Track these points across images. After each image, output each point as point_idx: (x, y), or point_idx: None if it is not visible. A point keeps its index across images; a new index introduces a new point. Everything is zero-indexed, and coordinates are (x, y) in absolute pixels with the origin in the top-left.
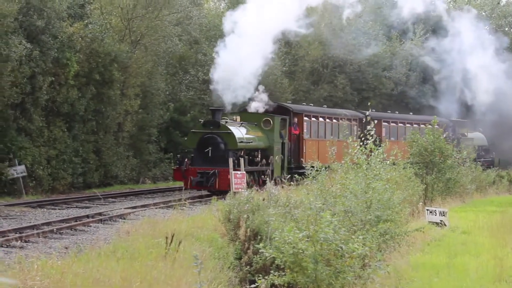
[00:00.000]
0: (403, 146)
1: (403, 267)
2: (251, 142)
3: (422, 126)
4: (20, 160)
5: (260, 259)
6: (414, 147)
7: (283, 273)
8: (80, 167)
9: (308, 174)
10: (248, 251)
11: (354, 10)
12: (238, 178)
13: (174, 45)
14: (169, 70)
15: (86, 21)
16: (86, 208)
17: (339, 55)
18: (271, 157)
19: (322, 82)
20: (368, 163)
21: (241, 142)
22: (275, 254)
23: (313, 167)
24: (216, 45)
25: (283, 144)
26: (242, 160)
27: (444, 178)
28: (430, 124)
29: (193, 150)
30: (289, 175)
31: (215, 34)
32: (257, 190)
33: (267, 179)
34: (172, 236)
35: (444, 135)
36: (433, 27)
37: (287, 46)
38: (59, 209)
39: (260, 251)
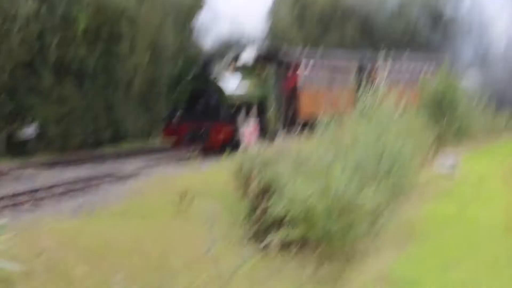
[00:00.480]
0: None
1: (414, 218)
2: (244, 94)
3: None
4: (32, 119)
5: (272, 214)
6: (425, 94)
7: (296, 227)
8: (91, 124)
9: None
10: (260, 206)
11: None
12: (249, 133)
13: None
14: (177, 23)
15: None
16: (98, 166)
17: (348, 1)
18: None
19: (331, 30)
20: (379, 114)
21: (234, 95)
22: (287, 207)
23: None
24: None
25: (278, 94)
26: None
27: (455, 126)
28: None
29: (184, 105)
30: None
31: None
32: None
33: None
34: (185, 193)
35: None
36: None
37: None
38: (71, 168)
39: (271, 205)
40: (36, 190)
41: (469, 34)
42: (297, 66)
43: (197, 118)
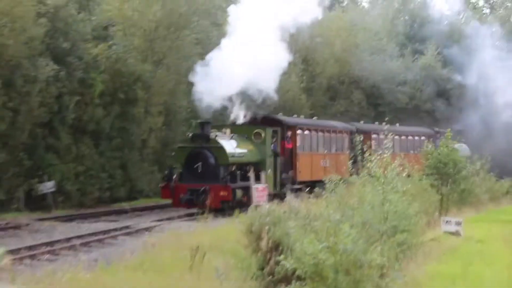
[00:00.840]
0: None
1: (420, 276)
2: (243, 156)
3: (410, 138)
4: (49, 176)
5: (282, 270)
6: (430, 159)
7: (304, 283)
8: (106, 182)
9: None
10: (270, 261)
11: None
12: (259, 191)
13: (194, 64)
14: (190, 88)
15: (110, 43)
16: (114, 221)
17: (355, 72)
18: (263, 171)
19: (339, 98)
20: (385, 176)
21: (233, 156)
22: (296, 265)
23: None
24: None
25: (275, 157)
26: (252, 175)
27: (459, 189)
28: (418, 136)
29: (182, 166)
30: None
31: None
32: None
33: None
34: (197, 249)
35: (431, 146)
36: (452, 39)
37: (304, 63)
38: (87, 222)
39: (281, 262)
40: (53, 243)
41: (474, 103)
42: (295, 131)
43: (196, 179)
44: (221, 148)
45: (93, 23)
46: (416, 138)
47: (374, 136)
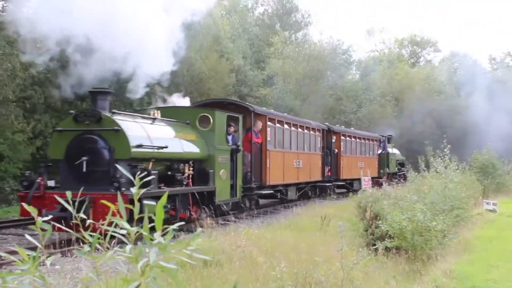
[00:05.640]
0: (359, 160)
1: (468, 237)
2: (166, 147)
3: (369, 141)
4: None
5: (379, 231)
6: (476, 162)
7: (393, 240)
8: None
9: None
10: (372, 226)
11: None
12: (366, 181)
13: (327, 100)
14: (325, 116)
15: (274, 87)
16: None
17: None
18: (211, 171)
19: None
20: (446, 172)
21: (141, 146)
22: (388, 228)
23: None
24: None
25: (233, 153)
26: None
27: (496, 182)
28: (376, 140)
29: (61, 162)
30: (250, 198)
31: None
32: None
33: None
34: (325, 216)
35: (379, 151)
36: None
37: (395, 100)
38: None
39: (379, 226)
40: (238, 212)
41: None
42: (265, 122)
43: (80, 183)
44: (119, 132)
45: (264, 75)
46: (371, 142)
47: (342, 137)
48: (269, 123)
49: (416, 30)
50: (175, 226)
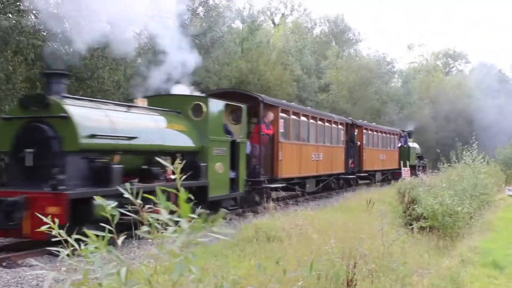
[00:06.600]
0: (380, 152)
1: (492, 219)
2: (136, 138)
3: (389, 135)
4: None
5: (415, 213)
6: (501, 155)
7: (427, 221)
8: None
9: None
10: (409, 208)
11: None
12: (406, 171)
13: (374, 103)
14: (372, 117)
15: (330, 93)
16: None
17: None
18: (203, 165)
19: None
20: (473, 163)
21: (95, 137)
22: (423, 211)
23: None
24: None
25: (233, 145)
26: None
27: None
28: (396, 134)
29: (7, 155)
30: (259, 192)
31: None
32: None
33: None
34: (370, 200)
35: (399, 144)
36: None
37: (432, 103)
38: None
39: (415, 209)
40: (296, 196)
41: None
42: (277, 113)
43: (21, 178)
44: (66, 121)
45: (321, 83)
46: (391, 136)
47: (364, 131)
48: (282, 114)
49: (449, 43)
50: (201, 210)
